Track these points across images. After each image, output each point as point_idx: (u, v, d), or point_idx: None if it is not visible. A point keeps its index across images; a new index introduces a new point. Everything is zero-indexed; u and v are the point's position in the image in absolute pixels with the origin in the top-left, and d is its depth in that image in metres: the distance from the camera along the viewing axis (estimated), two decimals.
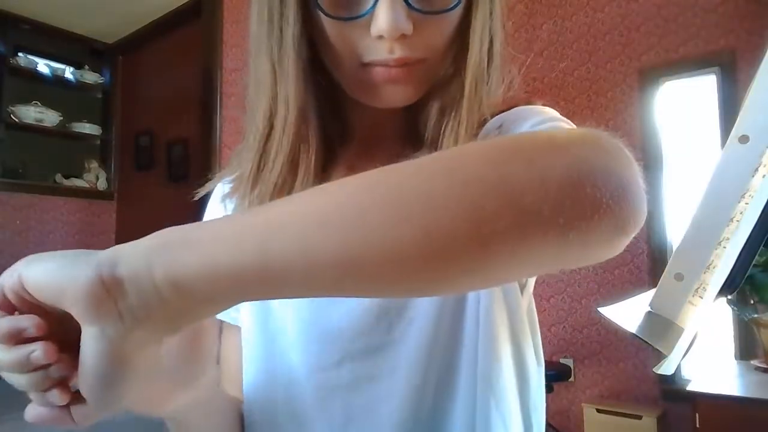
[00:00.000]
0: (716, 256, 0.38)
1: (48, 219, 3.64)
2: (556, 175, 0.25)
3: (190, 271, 0.26)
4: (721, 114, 2.63)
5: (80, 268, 0.27)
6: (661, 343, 0.38)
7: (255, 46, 0.50)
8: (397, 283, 0.26)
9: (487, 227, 0.24)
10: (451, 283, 0.26)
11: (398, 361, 0.51)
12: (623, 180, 0.26)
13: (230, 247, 0.26)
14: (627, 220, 0.27)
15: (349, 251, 0.24)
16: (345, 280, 0.26)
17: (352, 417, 0.52)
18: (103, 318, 0.26)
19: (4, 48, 3.46)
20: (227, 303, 0.29)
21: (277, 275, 0.26)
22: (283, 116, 0.48)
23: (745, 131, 0.37)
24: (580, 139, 0.28)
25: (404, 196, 0.25)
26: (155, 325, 0.28)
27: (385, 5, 0.43)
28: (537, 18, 3.27)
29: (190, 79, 3.26)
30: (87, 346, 0.27)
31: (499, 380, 0.50)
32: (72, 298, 0.26)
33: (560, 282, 3.08)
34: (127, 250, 0.28)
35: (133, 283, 0.26)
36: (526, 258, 0.26)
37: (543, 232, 0.24)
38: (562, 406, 3.02)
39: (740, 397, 1.92)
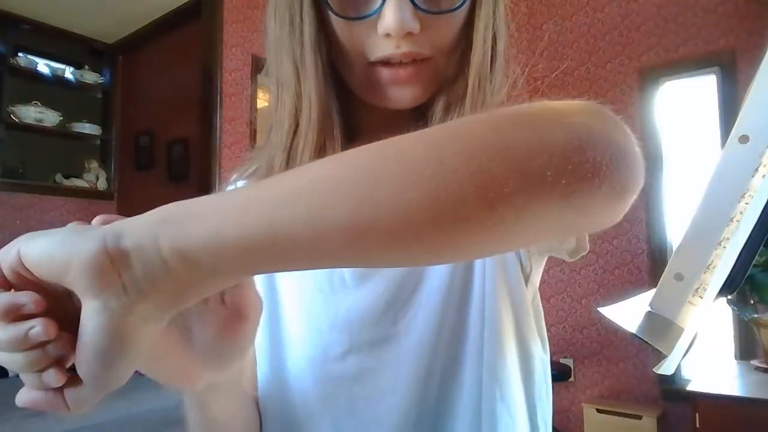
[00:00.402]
0: (716, 256, 0.38)
1: (48, 219, 3.63)
2: (559, 141, 0.25)
3: (196, 241, 0.26)
4: (721, 114, 2.63)
5: (83, 241, 0.26)
6: (661, 343, 0.38)
7: (276, 47, 0.52)
8: (405, 248, 0.26)
9: (494, 191, 0.24)
10: (458, 247, 0.27)
11: (403, 353, 0.52)
12: (621, 146, 0.27)
13: (237, 218, 0.26)
14: (625, 185, 0.28)
15: (359, 217, 0.25)
16: (354, 248, 0.26)
17: (356, 408, 0.53)
18: (107, 290, 0.26)
19: (4, 48, 3.46)
20: (235, 275, 0.29)
21: (286, 244, 0.26)
22: (307, 113, 0.50)
23: (745, 131, 0.37)
24: (581, 108, 0.29)
25: (413, 161, 0.25)
26: (160, 299, 0.27)
27: (392, 5, 0.44)
28: (537, 18, 3.27)
29: (190, 79, 3.26)
30: (88, 320, 0.27)
31: (504, 371, 0.51)
32: (76, 270, 0.26)
33: (560, 282, 3.08)
34: (132, 223, 0.27)
35: (139, 255, 0.26)
36: (531, 221, 0.26)
37: (547, 195, 0.25)
38: (562, 406, 3.02)
39: (740, 397, 1.92)
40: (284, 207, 0.25)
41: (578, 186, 0.25)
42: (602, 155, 0.26)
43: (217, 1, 3.11)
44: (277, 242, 0.25)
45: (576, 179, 0.25)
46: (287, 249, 0.26)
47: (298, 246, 0.26)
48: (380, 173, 0.25)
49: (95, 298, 0.26)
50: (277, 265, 0.29)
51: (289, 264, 0.28)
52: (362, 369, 0.53)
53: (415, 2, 0.45)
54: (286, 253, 0.26)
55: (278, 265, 0.29)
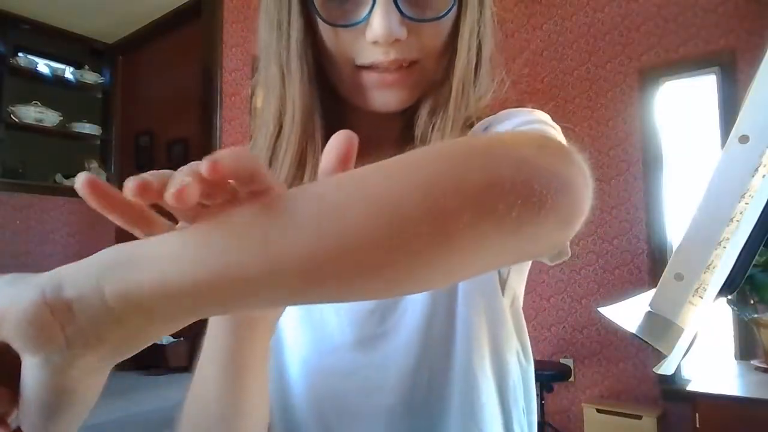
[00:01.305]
0: (716, 256, 0.38)
1: (48, 219, 3.64)
2: (508, 175, 0.27)
3: (145, 287, 0.24)
4: (721, 114, 2.63)
5: (20, 293, 0.25)
6: (661, 343, 0.38)
7: (264, 51, 0.53)
8: (362, 282, 0.26)
9: (450, 224, 0.25)
10: (416, 279, 0.27)
11: (391, 351, 0.53)
12: (565, 178, 0.29)
13: (185, 261, 0.24)
14: (569, 214, 0.29)
15: (315, 253, 0.24)
16: (310, 284, 0.25)
17: (345, 403, 0.54)
18: (48, 345, 0.24)
19: (4, 48, 3.46)
20: (186, 319, 0.27)
21: (239, 284, 0.24)
22: (291, 116, 0.51)
23: (745, 131, 0.37)
24: (529, 141, 0.31)
25: (371, 196, 0.25)
26: (105, 350, 0.26)
27: (380, 13, 0.45)
28: (537, 18, 3.27)
29: (190, 79, 3.26)
30: (29, 377, 0.25)
31: (479, 377, 0.52)
32: (12, 324, 0.24)
33: (560, 282, 3.08)
34: (72, 271, 0.26)
35: (82, 305, 0.24)
36: (484, 251, 0.28)
37: (499, 226, 0.26)
38: (562, 406, 3.02)
39: (740, 397, 1.92)
40: (236, 243, 0.24)
41: (527, 217, 0.27)
42: (547, 188, 0.27)
43: (217, 1, 3.11)
44: (230, 282, 0.24)
45: (524, 211, 0.26)
46: (240, 288, 0.25)
47: (252, 285, 0.24)
48: (334, 207, 0.25)
49: (36, 354, 0.25)
50: (230, 305, 0.28)
51: (242, 304, 0.27)
52: (351, 365, 0.54)
53: (402, 10, 0.46)
54: (239, 292, 0.25)
55: (231, 305, 0.28)
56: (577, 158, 0.32)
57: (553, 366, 2.84)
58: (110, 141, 4.02)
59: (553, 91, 3.16)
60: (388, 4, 0.46)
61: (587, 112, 3.05)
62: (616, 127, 2.96)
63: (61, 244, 3.70)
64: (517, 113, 0.52)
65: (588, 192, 0.31)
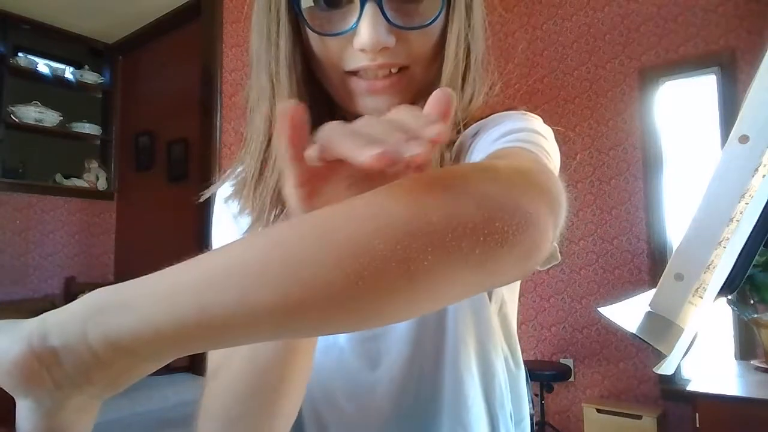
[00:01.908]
0: (716, 256, 0.38)
1: (48, 219, 3.64)
2: (470, 213, 0.27)
3: (127, 332, 0.26)
4: (721, 114, 2.63)
5: (8, 342, 0.26)
6: (661, 343, 0.38)
7: (255, 60, 0.53)
8: (333, 321, 0.27)
9: (414, 264, 0.26)
10: (384, 315, 0.28)
11: (382, 352, 0.54)
12: (527, 212, 0.29)
13: (166, 305, 0.26)
14: (531, 248, 0.30)
15: (288, 298, 0.25)
16: (285, 325, 0.27)
17: (336, 404, 0.55)
18: (38, 390, 0.26)
19: (4, 48, 3.46)
20: (170, 356, 0.28)
21: (218, 327, 0.26)
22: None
23: (745, 131, 0.37)
24: (492, 175, 0.32)
25: (335, 241, 0.26)
26: (94, 389, 0.27)
27: (367, 22, 0.46)
28: (537, 18, 3.27)
29: (190, 79, 3.26)
30: (23, 419, 0.27)
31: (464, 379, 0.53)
32: (3, 373, 0.26)
33: (560, 282, 3.08)
34: (57, 319, 0.27)
35: (68, 352, 0.26)
36: (449, 286, 0.28)
37: (463, 264, 0.27)
38: (562, 406, 3.02)
39: (740, 397, 1.92)
40: (214, 290, 0.26)
41: (490, 254, 0.28)
42: (509, 224, 0.28)
43: (217, 1, 3.11)
44: (209, 325, 0.26)
45: (487, 248, 0.27)
46: (219, 331, 0.26)
47: (230, 327, 0.26)
48: (305, 254, 0.26)
49: (26, 398, 0.26)
50: (211, 344, 0.29)
51: (222, 343, 0.29)
52: (343, 366, 0.55)
53: (389, 19, 0.46)
54: (218, 334, 0.26)
55: (211, 344, 0.29)
56: (546, 185, 0.32)
57: (553, 366, 2.84)
58: (110, 141, 4.02)
59: (553, 91, 3.16)
60: (375, 13, 0.46)
61: (587, 112, 3.05)
62: (616, 127, 2.96)
63: (61, 244, 3.70)
64: (507, 118, 0.51)
65: (555, 220, 0.32)
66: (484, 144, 0.49)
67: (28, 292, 3.45)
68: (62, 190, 3.72)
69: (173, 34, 3.63)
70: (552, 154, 0.47)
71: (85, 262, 3.81)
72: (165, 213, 3.50)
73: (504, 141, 0.47)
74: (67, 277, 3.68)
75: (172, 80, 3.64)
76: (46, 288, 3.56)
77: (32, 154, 3.61)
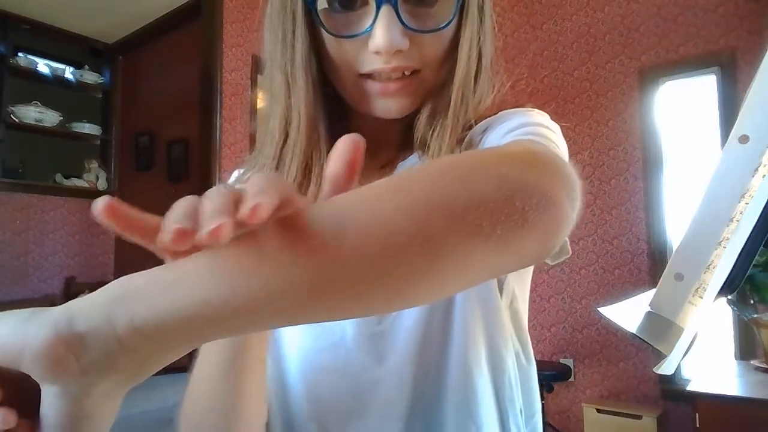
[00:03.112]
0: (716, 256, 0.38)
1: (48, 219, 3.64)
2: (491, 194, 0.28)
3: (153, 318, 0.26)
4: (721, 114, 2.63)
5: (35, 328, 0.26)
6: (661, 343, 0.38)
7: (270, 62, 0.55)
8: (356, 303, 0.28)
9: (437, 243, 0.26)
10: (406, 296, 0.29)
11: (389, 348, 0.54)
12: (546, 193, 0.30)
13: (191, 290, 0.26)
14: (551, 229, 0.30)
15: (313, 279, 0.26)
16: (311, 307, 0.27)
17: (341, 401, 0.55)
18: (65, 376, 0.26)
19: (4, 48, 3.46)
20: (195, 343, 0.29)
21: (242, 309, 0.26)
22: (296, 125, 0.53)
23: (745, 131, 0.37)
24: (512, 158, 0.32)
25: (359, 221, 0.27)
26: (119, 376, 0.27)
27: (382, 25, 0.47)
28: (537, 18, 3.27)
29: (190, 79, 3.26)
30: (49, 406, 0.26)
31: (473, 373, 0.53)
32: (30, 359, 0.26)
33: (560, 282, 3.08)
34: (84, 305, 0.27)
35: (95, 337, 0.26)
36: (471, 267, 0.29)
37: (484, 243, 0.28)
38: (562, 406, 3.02)
39: (740, 397, 1.92)
40: (240, 276, 0.26)
41: (511, 233, 0.28)
42: (529, 204, 0.28)
43: (217, 1, 3.11)
44: (235, 308, 0.26)
45: (508, 228, 0.28)
46: (245, 313, 0.26)
47: (255, 309, 0.26)
48: (329, 234, 0.26)
49: (53, 384, 0.26)
50: (237, 330, 0.29)
51: (248, 327, 0.29)
52: (350, 362, 0.55)
53: (404, 22, 0.47)
54: (244, 317, 0.26)
55: (238, 330, 0.29)
56: (563, 169, 0.33)
57: (553, 366, 2.84)
58: (110, 141, 4.02)
59: (553, 91, 3.16)
60: (390, 16, 0.47)
61: (587, 112, 3.05)
62: (616, 127, 2.96)
63: (61, 244, 3.70)
64: (515, 114, 0.53)
65: (572, 203, 0.32)
66: (494, 139, 0.51)
67: (28, 292, 3.45)
68: (62, 190, 3.72)
69: (173, 34, 3.63)
70: (561, 147, 0.49)
71: (85, 262, 3.81)
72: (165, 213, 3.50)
73: (514, 135, 0.48)
74: (67, 277, 3.68)
75: (172, 80, 3.64)
76: (46, 288, 3.56)
77: (32, 154, 3.61)
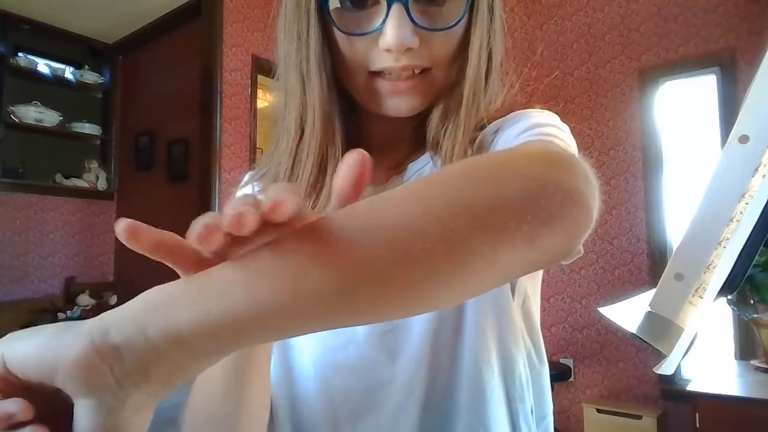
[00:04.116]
0: (716, 256, 0.38)
1: (48, 219, 3.64)
2: (515, 194, 0.28)
3: (187, 326, 0.26)
4: (721, 114, 2.63)
5: (70, 340, 0.26)
6: (661, 343, 0.38)
7: (285, 60, 0.55)
8: (384, 307, 0.28)
9: (462, 246, 0.27)
10: (433, 300, 0.29)
11: (401, 346, 0.54)
12: (570, 190, 0.30)
13: (222, 297, 0.26)
14: (577, 224, 0.31)
15: (341, 286, 0.26)
16: (337, 311, 0.27)
17: (354, 399, 0.55)
18: (100, 388, 0.26)
19: (4, 48, 3.45)
20: (227, 351, 0.29)
21: (271, 317, 0.26)
22: (311, 122, 0.54)
23: (745, 131, 0.37)
24: (533, 157, 0.33)
25: (384, 225, 0.27)
26: (152, 387, 0.27)
27: (393, 23, 0.48)
28: (537, 18, 3.27)
29: (190, 79, 3.26)
30: (83, 419, 0.26)
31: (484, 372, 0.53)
32: (65, 372, 0.26)
33: (560, 282, 3.08)
34: (117, 316, 0.27)
35: (129, 347, 0.26)
36: (498, 267, 0.29)
37: (511, 243, 0.28)
38: (562, 406, 3.02)
39: (740, 397, 1.92)
40: (267, 281, 0.26)
41: (537, 231, 0.29)
42: (552, 202, 0.29)
43: (217, 1, 3.11)
44: (265, 316, 0.26)
45: (534, 226, 0.28)
46: (274, 320, 0.26)
47: (284, 316, 0.26)
48: (353, 239, 0.26)
49: (88, 397, 0.26)
50: (267, 336, 0.29)
51: (278, 334, 0.29)
52: (362, 360, 0.55)
53: (414, 20, 0.48)
54: (273, 324, 0.27)
55: (268, 336, 0.29)
56: (581, 167, 0.34)
57: (553, 366, 2.84)
58: (110, 141, 4.01)
59: (553, 91, 3.16)
60: (401, 14, 0.48)
61: (587, 112, 3.05)
62: (616, 127, 2.96)
63: (61, 244, 3.70)
64: (526, 115, 0.53)
65: (594, 200, 0.33)
66: (507, 139, 0.51)
67: (28, 292, 3.44)
68: (62, 190, 3.71)
69: (173, 34, 3.63)
70: (572, 147, 0.49)
71: (85, 262, 3.81)
72: (165, 213, 3.50)
73: (526, 136, 0.48)
74: (67, 277, 3.67)
75: (172, 80, 3.64)
76: (46, 288, 3.56)
77: (32, 154, 3.61)
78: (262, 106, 3.33)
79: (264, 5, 3.29)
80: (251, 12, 3.24)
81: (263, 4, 3.30)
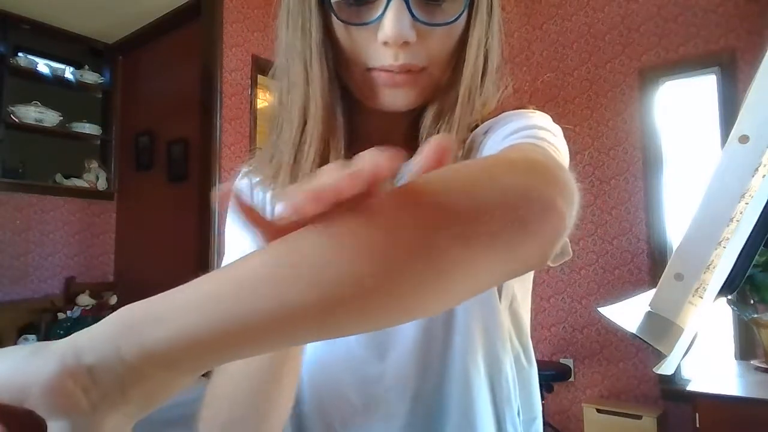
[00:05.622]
0: (716, 256, 0.38)
1: (48, 219, 3.63)
2: (495, 203, 0.29)
3: (163, 343, 0.25)
4: (721, 114, 2.63)
5: (42, 363, 0.26)
6: (661, 343, 0.38)
7: (288, 51, 0.56)
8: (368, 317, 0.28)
9: (442, 256, 0.27)
10: (411, 311, 0.29)
11: (391, 346, 0.55)
12: (546, 202, 0.31)
13: (202, 314, 0.26)
14: (551, 234, 0.31)
15: (322, 297, 0.25)
16: (321, 325, 0.27)
17: (344, 398, 0.56)
18: (74, 411, 0.25)
19: (4, 48, 3.46)
20: (206, 366, 0.28)
21: (254, 333, 0.26)
22: (314, 112, 0.54)
23: (745, 131, 0.37)
24: (511, 167, 0.33)
25: (366, 238, 0.26)
26: (129, 408, 0.27)
27: (392, 15, 0.48)
28: (537, 18, 3.27)
29: (190, 79, 3.26)
30: None
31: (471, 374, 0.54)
32: (37, 395, 0.25)
33: (560, 282, 3.08)
34: (90, 336, 0.27)
35: (104, 368, 0.25)
36: (475, 276, 0.29)
37: (490, 251, 0.28)
38: (562, 406, 3.02)
39: (740, 397, 1.92)
40: (247, 297, 0.25)
41: (514, 241, 0.29)
42: (530, 211, 0.29)
43: (217, 1, 3.11)
44: (246, 331, 0.26)
45: (512, 235, 0.29)
46: (256, 336, 0.26)
47: (267, 332, 0.26)
48: (334, 252, 0.26)
49: (62, 419, 0.25)
50: (247, 351, 0.29)
51: (258, 349, 0.29)
52: (352, 359, 0.56)
53: (414, 14, 0.48)
54: (255, 340, 0.26)
55: (248, 351, 0.29)
56: (561, 176, 0.34)
57: (553, 366, 2.84)
58: (110, 141, 4.01)
59: (553, 91, 3.16)
60: (400, 8, 0.48)
61: (587, 112, 3.05)
62: (616, 127, 2.96)
63: (61, 244, 3.70)
64: (516, 116, 0.53)
65: (570, 209, 0.33)
66: (494, 141, 0.51)
67: (28, 292, 3.44)
68: (62, 190, 3.71)
69: (173, 34, 3.63)
70: (561, 150, 0.49)
71: (85, 262, 3.81)
72: (165, 213, 3.50)
73: (514, 138, 0.48)
74: (67, 277, 3.67)
75: (172, 80, 3.64)
76: (46, 288, 3.56)
77: (32, 154, 3.61)
78: (262, 106, 3.33)
79: (264, 5, 3.29)
80: (251, 12, 3.24)
81: (263, 4, 3.30)
